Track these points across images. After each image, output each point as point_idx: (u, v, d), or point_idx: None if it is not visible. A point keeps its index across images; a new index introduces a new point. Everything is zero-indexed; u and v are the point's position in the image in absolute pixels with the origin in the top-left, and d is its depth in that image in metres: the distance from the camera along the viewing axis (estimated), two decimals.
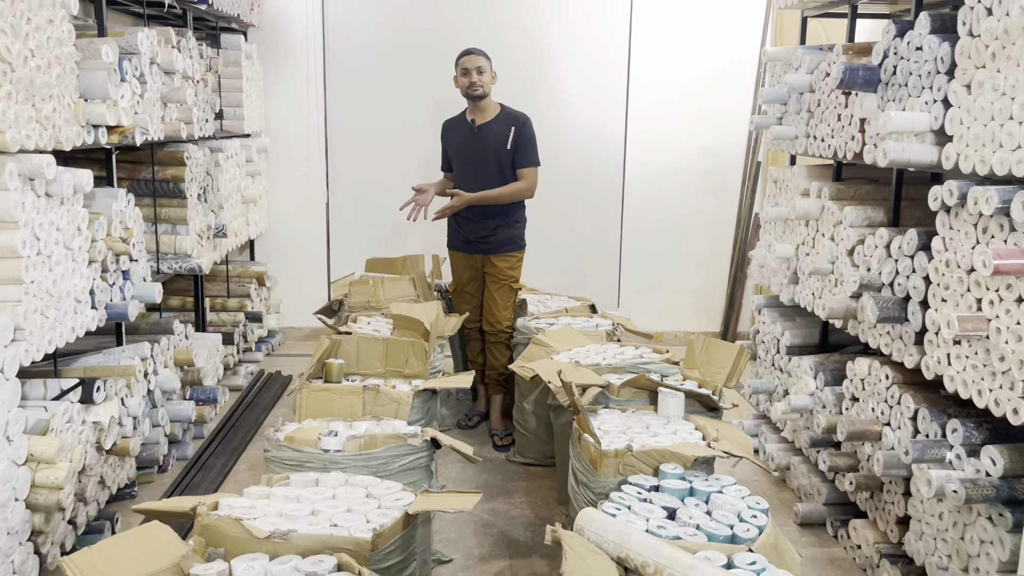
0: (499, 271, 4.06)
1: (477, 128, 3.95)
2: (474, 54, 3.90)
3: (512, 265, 4.09)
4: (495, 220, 4.02)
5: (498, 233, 4.04)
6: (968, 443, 2.44)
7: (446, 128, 4.16)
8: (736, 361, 3.02)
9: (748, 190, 5.63)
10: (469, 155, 3.99)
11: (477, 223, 4.03)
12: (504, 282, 4.09)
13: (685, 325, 5.83)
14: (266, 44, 5.38)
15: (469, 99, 3.94)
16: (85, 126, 2.88)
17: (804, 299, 3.46)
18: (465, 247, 4.11)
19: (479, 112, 3.96)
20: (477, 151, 3.96)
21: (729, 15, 5.46)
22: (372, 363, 3.12)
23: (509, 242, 4.07)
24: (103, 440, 2.92)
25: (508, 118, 3.97)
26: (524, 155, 3.96)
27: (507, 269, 4.07)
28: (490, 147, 3.94)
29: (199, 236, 4.05)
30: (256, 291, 5.19)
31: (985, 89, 2.28)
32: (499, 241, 4.05)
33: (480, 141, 3.95)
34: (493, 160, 3.95)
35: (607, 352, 3.44)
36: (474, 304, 4.18)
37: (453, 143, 4.07)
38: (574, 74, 5.45)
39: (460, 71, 3.92)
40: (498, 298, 4.08)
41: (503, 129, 3.94)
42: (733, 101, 5.55)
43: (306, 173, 5.54)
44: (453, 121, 4.13)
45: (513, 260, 4.09)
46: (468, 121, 3.99)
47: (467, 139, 3.98)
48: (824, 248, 3.28)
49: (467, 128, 3.98)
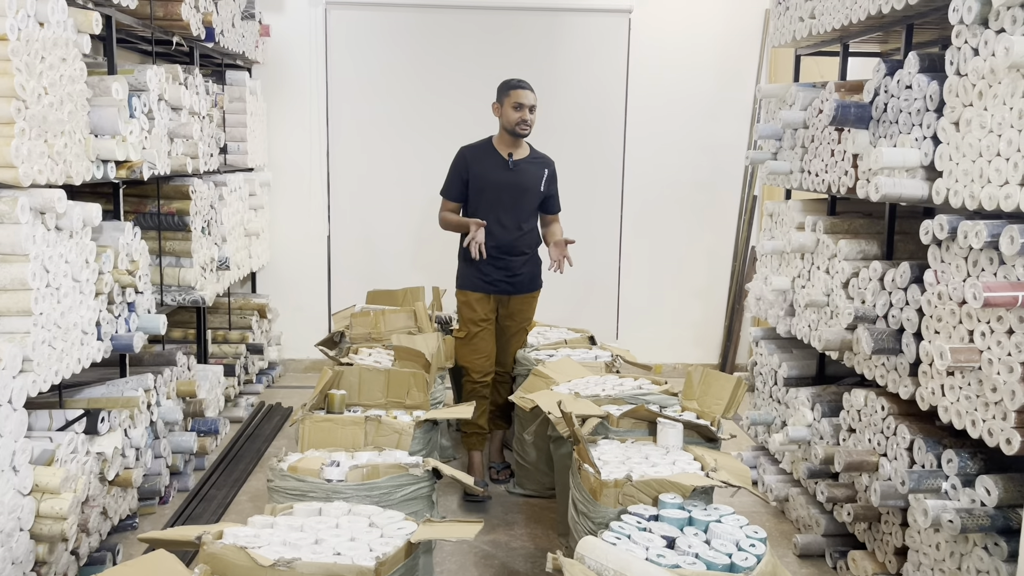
0: (520, 314, 3.88)
1: (513, 164, 3.76)
2: (530, 91, 3.71)
3: (533, 306, 3.95)
4: (522, 258, 3.82)
5: (523, 272, 3.83)
6: (963, 473, 2.47)
7: (470, 156, 3.80)
8: (734, 392, 3.06)
9: (745, 223, 5.70)
10: (503, 190, 3.74)
11: (503, 261, 3.77)
12: (522, 326, 3.94)
13: (684, 357, 5.86)
14: (270, 80, 5.48)
15: (513, 135, 3.73)
16: (95, 161, 2.94)
17: (800, 331, 3.50)
18: (483, 287, 3.79)
19: (514, 147, 3.78)
20: (513, 188, 3.74)
21: (725, 53, 5.57)
22: (374, 394, 3.15)
23: (532, 281, 3.89)
24: (106, 471, 2.94)
25: (541, 159, 3.86)
26: (557, 201, 3.92)
27: (528, 310, 3.92)
28: (526, 186, 3.77)
29: (203, 268, 4.09)
30: (257, 323, 5.23)
31: (973, 126, 2.34)
32: (524, 280, 3.83)
33: (517, 178, 3.76)
34: (527, 199, 3.78)
35: (606, 383, 3.48)
36: (486, 352, 3.84)
37: (480, 175, 3.75)
38: (572, 109, 5.54)
39: (513, 104, 3.67)
40: (516, 341, 3.93)
41: (537, 169, 3.82)
42: (729, 136, 5.64)
43: (308, 206, 5.61)
44: (478, 150, 3.81)
45: (533, 300, 3.95)
46: (501, 154, 3.76)
47: (502, 174, 3.74)
48: (819, 281, 3.33)
49: (500, 162, 3.75)
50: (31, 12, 2.52)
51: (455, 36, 5.44)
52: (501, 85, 3.76)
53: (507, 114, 3.69)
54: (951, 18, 2.42)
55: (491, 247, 3.73)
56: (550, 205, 3.89)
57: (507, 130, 3.72)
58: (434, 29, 5.45)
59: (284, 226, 5.63)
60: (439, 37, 5.44)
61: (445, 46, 5.44)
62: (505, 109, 3.70)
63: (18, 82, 2.43)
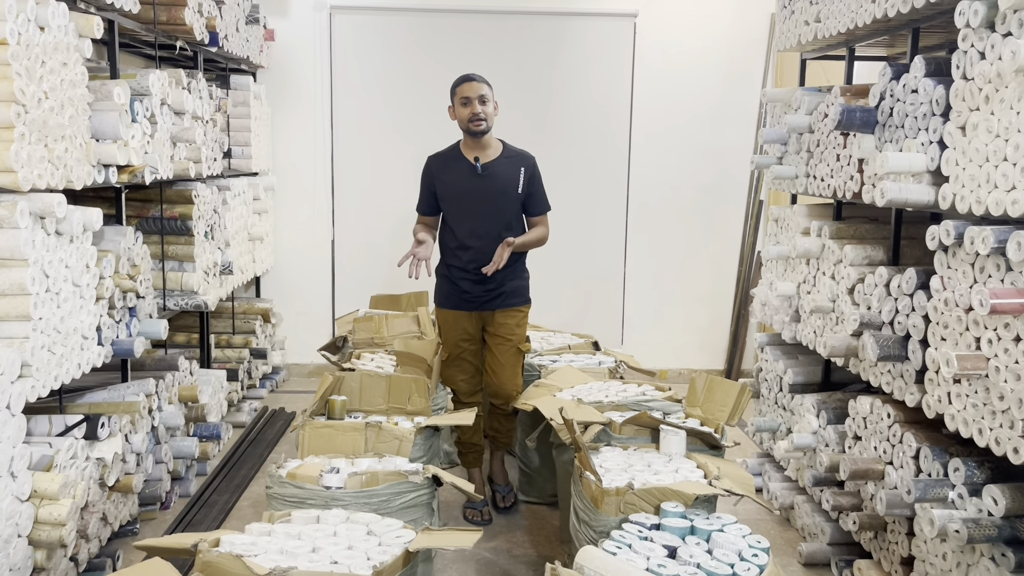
0: (505, 329, 3.52)
1: (482, 168, 3.44)
2: (475, 81, 3.39)
3: (519, 321, 3.55)
4: (503, 272, 3.47)
5: (505, 286, 3.50)
6: (970, 482, 2.43)
7: (435, 166, 3.54)
8: (738, 399, 3.03)
9: (750, 228, 5.67)
10: (473, 199, 3.44)
11: (481, 275, 3.45)
12: (511, 342, 3.53)
13: (689, 362, 5.83)
14: (274, 84, 5.47)
15: (469, 134, 3.42)
16: (96, 165, 2.93)
17: (806, 337, 3.47)
18: (462, 304, 3.51)
19: (481, 149, 3.46)
20: (483, 194, 3.43)
21: (731, 57, 5.55)
22: (375, 400, 3.13)
23: (517, 294, 3.54)
24: (106, 477, 2.93)
25: (516, 158, 3.51)
26: (541, 201, 3.56)
27: (514, 326, 3.53)
28: (498, 190, 3.44)
29: (205, 273, 4.09)
30: (261, 328, 5.22)
31: (980, 131, 2.31)
32: (506, 293, 3.51)
33: (487, 183, 3.43)
34: (503, 204, 3.45)
35: (609, 389, 3.45)
36: (471, 373, 3.60)
37: (449, 184, 3.48)
38: (577, 113, 5.52)
39: (459, 100, 3.40)
40: (505, 362, 3.51)
41: (511, 170, 3.47)
42: (735, 140, 5.61)
43: (312, 211, 5.60)
44: (443, 158, 3.54)
45: (520, 316, 3.55)
46: (468, 159, 3.46)
47: (470, 180, 3.44)
48: (825, 286, 3.30)
49: (468, 167, 3.45)
50: (31, 16, 2.51)
51: (460, 41, 5.43)
52: (450, 88, 3.48)
53: (458, 113, 3.43)
54: (957, 21, 2.40)
55: (467, 261, 3.46)
56: (532, 206, 3.54)
57: (464, 131, 3.45)
58: (439, 34, 5.44)
59: (288, 230, 5.62)
60: (444, 42, 5.43)
61: (450, 51, 5.43)
62: (456, 109, 3.44)
63: (18, 86, 2.42)
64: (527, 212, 3.57)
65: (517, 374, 3.58)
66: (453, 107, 3.47)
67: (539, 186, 3.57)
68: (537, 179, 3.56)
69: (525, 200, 3.53)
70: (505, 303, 3.53)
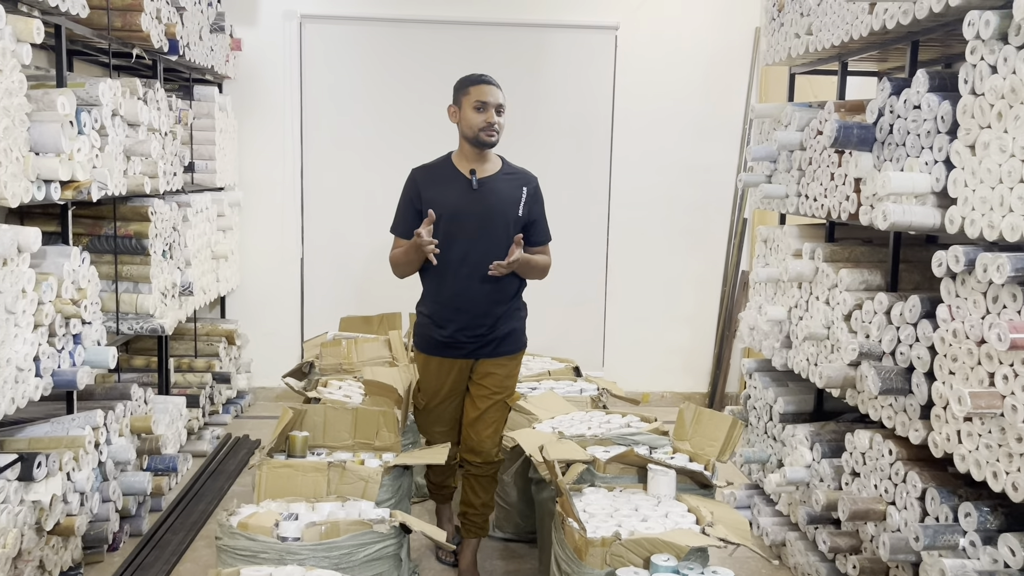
0: (492, 380, 2.99)
1: (478, 183, 2.96)
2: (495, 86, 2.91)
3: (511, 371, 3.05)
4: (500, 308, 2.96)
5: (499, 327, 2.97)
6: (983, 529, 2.26)
7: (422, 179, 2.99)
8: (729, 433, 2.84)
9: (734, 247, 5.51)
10: (467, 218, 2.90)
11: (472, 314, 2.93)
12: (499, 396, 3.00)
13: (672, 385, 5.64)
14: (241, 96, 5.25)
15: (475, 144, 2.91)
16: (36, 181, 2.69)
17: (798, 365, 3.29)
18: (447, 351, 2.97)
19: (479, 162, 2.96)
20: (480, 213, 2.91)
21: (714, 71, 5.40)
22: (340, 434, 2.91)
23: (512, 339, 3.02)
24: (44, 521, 2.68)
25: (517, 176, 3.04)
26: (544, 228, 3.09)
27: (504, 377, 3.01)
28: (496, 209, 2.93)
29: (163, 295, 3.84)
30: (225, 350, 4.97)
31: (991, 150, 2.15)
32: (500, 337, 2.98)
33: (484, 201, 2.93)
34: (501, 227, 2.92)
35: (592, 420, 3.26)
36: (449, 426, 3.12)
37: (438, 201, 2.92)
38: (557, 128, 5.35)
39: (472, 103, 2.87)
40: (488, 418, 2.99)
41: (512, 189, 2.99)
42: (718, 157, 5.47)
43: (280, 228, 5.37)
44: (432, 171, 3.01)
45: (512, 365, 3.05)
46: (462, 172, 2.96)
47: (463, 197, 2.92)
48: (819, 312, 3.13)
49: (461, 182, 2.93)
50: None
51: (436, 52, 5.24)
52: (457, 82, 2.99)
53: (468, 117, 2.88)
54: (966, 33, 2.23)
55: (456, 295, 2.92)
56: (535, 234, 3.02)
57: (469, 139, 2.91)
58: (414, 45, 5.25)
59: (255, 248, 5.38)
60: (419, 53, 5.24)
61: (425, 62, 5.23)
62: (465, 111, 2.89)
63: None
64: (529, 240, 3.00)
65: (499, 431, 3.05)
66: (459, 108, 2.93)
67: (542, 211, 3.08)
68: (540, 203, 3.07)
69: (527, 225, 3.01)
70: (498, 351, 2.99)
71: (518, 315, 3.07)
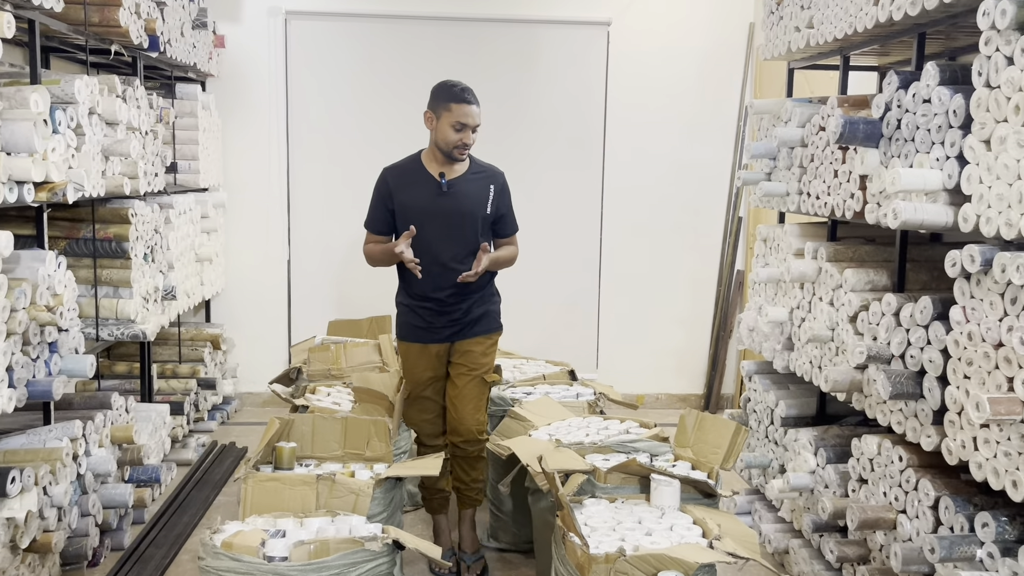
0: (469, 357, 3.12)
1: (447, 185, 3.07)
2: (475, 106, 3.02)
3: (487, 349, 3.16)
4: (473, 296, 3.11)
5: (472, 313, 3.12)
6: (1001, 540, 2.17)
7: (392, 180, 3.10)
8: (733, 440, 2.74)
9: (730, 246, 5.43)
10: (437, 220, 3.03)
11: (447, 303, 3.08)
12: (476, 372, 3.13)
13: (667, 387, 5.55)
14: (225, 94, 5.12)
15: (447, 156, 3.04)
16: (7, 182, 2.57)
17: (801, 368, 3.20)
18: (426, 337, 3.11)
19: (448, 165, 3.08)
20: (448, 215, 3.04)
21: (708, 67, 5.31)
22: (329, 445, 2.79)
23: (486, 320, 3.16)
24: (19, 539, 2.56)
25: (485, 174, 3.14)
26: (511, 220, 3.22)
27: (480, 354, 3.14)
28: (464, 210, 3.05)
29: (144, 299, 3.72)
30: (211, 355, 4.84)
31: (1008, 145, 2.06)
32: (474, 319, 3.13)
33: (452, 202, 3.05)
34: (470, 226, 3.06)
35: (590, 427, 3.16)
36: (435, 413, 3.21)
37: (408, 203, 3.06)
38: (548, 125, 5.24)
39: (452, 122, 2.97)
40: (468, 394, 3.11)
41: (479, 188, 3.10)
42: (713, 154, 5.38)
43: (266, 229, 5.25)
44: (402, 172, 3.12)
45: (488, 343, 3.17)
46: (431, 174, 3.07)
47: (433, 199, 3.04)
48: (822, 313, 3.04)
49: (431, 184, 3.06)
50: None
51: (425, 49, 5.13)
52: (438, 91, 3.05)
53: (444, 133, 2.98)
54: (980, 23, 2.14)
55: (428, 289, 3.06)
56: (502, 227, 3.19)
57: (441, 150, 3.03)
58: (402, 41, 5.13)
59: (241, 250, 5.26)
60: (408, 50, 5.13)
61: (414, 59, 5.12)
62: (442, 126, 2.99)
63: None
64: (496, 233, 3.22)
65: (480, 408, 3.16)
66: (436, 118, 3.02)
67: (509, 205, 3.23)
68: (507, 198, 3.21)
69: (495, 220, 3.18)
70: (473, 331, 3.14)
71: (491, 300, 3.22)
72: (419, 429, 3.23)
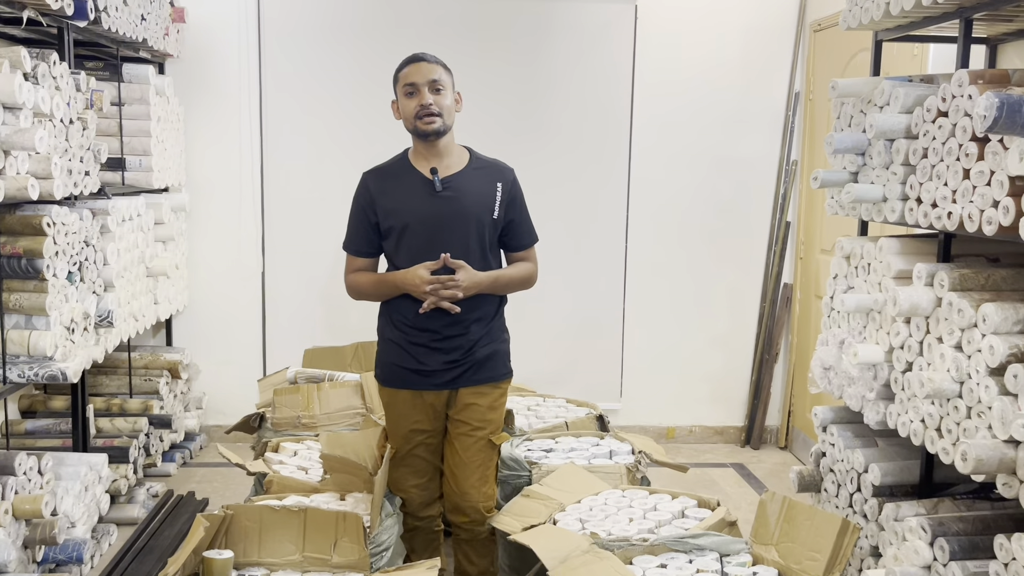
0: (473, 413, 2.50)
1: (442, 183, 2.47)
2: (425, 61, 2.47)
3: (494, 402, 2.54)
4: (476, 329, 2.49)
5: (477, 351, 2.49)
6: None
7: (374, 184, 2.54)
8: (839, 542, 2.01)
9: (776, 256, 4.68)
10: (431, 226, 2.46)
11: (445, 337, 2.47)
12: (481, 433, 2.50)
13: (701, 418, 4.81)
14: (187, 78, 4.38)
15: (418, 135, 2.48)
16: None
17: (908, 427, 2.46)
18: (415, 381, 2.49)
19: (439, 158, 2.50)
20: (445, 220, 2.46)
21: (751, 47, 4.57)
22: (283, 547, 2.05)
23: (494, 363, 2.54)
24: None
25: (489, 170, 2.57)
26: (526, 228, 2.63)
27: (486, 409, 2.51)
28: (466, 212, 2.48)
29: (68, 329, 2.98)
30: (168, 386, 4.11)
31: None
32: (479, 361, 2.50)
33: (450, 204, 2.47)
34: (471, 233, 2.48)
35: (633, 506, 2.42)
36: (428, 475, 2.57)
37: (395, 208, 2.50)
38: (566, 116, 4.50)
39: (403, 89, 2.46)
40: (471, 461, 2.49)
41: (484, 185, 2.52)
42: (756, 148, 4.64)
43: (237, 237, 4.51)
44: (385, 174, 2.56)
45: (496, 394, 2.55)
46: (421, 172, 2.50)
47: (426, 201, 2.46)
48: (944, 360, 2.28)
49: (421, 183, 2.48)
50: None
51: (424, 28, 4.38)
52: None
53: (402, 108, 2.49)
54: None
55: (421, 317, 2.45)
56: (514, 237, 2.59)
57: (411, 133, 2.51)
58: (400, 18, 4.39)
59: (207, 261, 4.52)
60: (406, 28, 4.38)
61: (413, 39, 4.33)
62: (400, 102, 2.50)
63: None
64: (507, 246, 2.63)
65: (488, 479, 2.52)
66: (396, 100, 2.53)
67: (522, 208, 2.63)
68: (519, 199, 2.62)
69: (505, 228, 2.58)
70: (476, 378, 2.51)
71: (500, 337, 2.61)
72: (407, 496, 2.55)
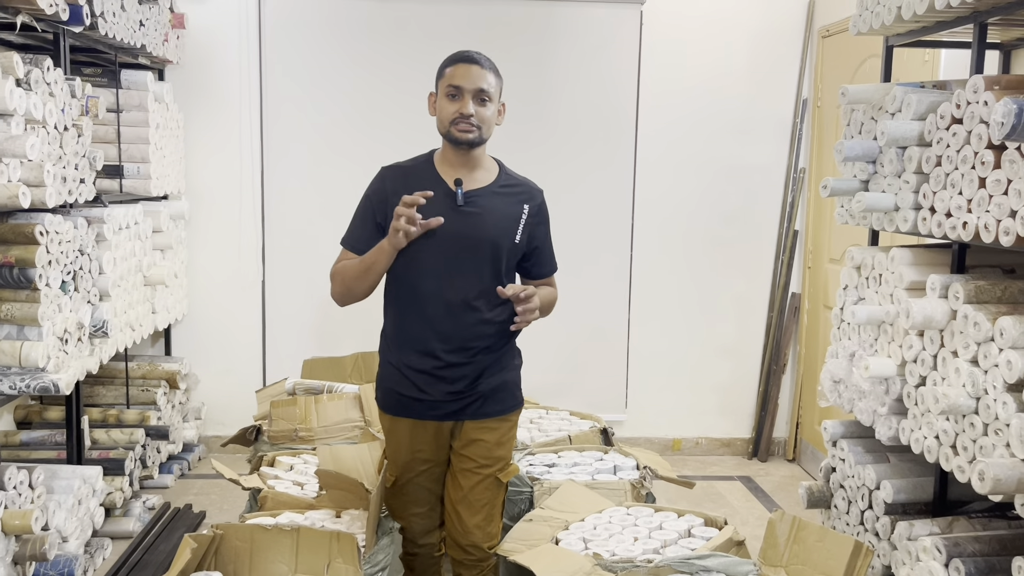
0: (479, 449, 2.28)
1: (464, 197, 2.22)
2: (477, 64, 2.21)
3: (503, 437, 2.31)
4: (483, 358, 2.26)
5: (483, 382, 2.26)
6: None
7: (392, 183, 2.27)
8: (851, 564, 1.92)
9: (783, 265, 4.60)
10: (446, 244, 2.20)
11: (449, 366, 2.23)
12: (488, 471, 2.29)
13: (708, 430, 4.73)
14: (188, 85, 4.33)
15: (450, 141, 2.23)
16: None
17: (922, 444, 2.38)
18: (420, 410, 2.27)
19: (467, 169, 2.26)
20: (463, 237, 2.20)
21: (758, 52, 4.50)
22: (274, 567, 1.98)
23: (502, 395, 2.31)
24: None
25: (517, 189, 2.32)
26: (548, 258, 2.42)
27: (494, 445, 2.29)
28: (485, 235, 2.22)
29: (61, 340, 2.92)
30: (166, 396, 4.04)
31: None
32: (486, 393, 2.27)
33: (469, 221, 2.21)
34: (489, 255, 2.23)
35: (637, 525, 2.34)
36: (430, 504, 2.38)
37: None
38: (570, 123, 4.44)
39: (445, 88, 2.21)
40: (476, 500, 2.29)
41: (508, 206, 2.28)
42: (764, 155, 4.56)
43: (237, 244, 4.45)
44: (407, 174, 2.29)
45: (505, 427, 2.32)
46: (445, 181, 2.24)
47: (446, 214, 2.17)
48: (960, 374, 2.21)
49: (444, 194, 2.22)
50: None
51: (428, 32, 4.32)
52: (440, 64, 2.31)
53: (440, 107, 2.23)
54: None
55: (424, 338, 2.23)
56: (537, 264, 2.38)
57: (443, 136, 2.26)
58: (402, 24, 4.32)
59: (206, 270, 4.46)
60: (408, 34, 4.32)
61: (415, 44, 4.31)
62: (437, 102, 2.25)
63: None
64: (529, 273, 2.39)
65: (494, 518, 2.32)
66: (435, 94, 2.27)
67: (547, 235, 2.40)
68: (545, 225, 2.39)
69: (528, 254, 2.35)
70: (482, 411, 2.28)
71: (511, 365, 2.36)
72: (407, 524, 2.40)
